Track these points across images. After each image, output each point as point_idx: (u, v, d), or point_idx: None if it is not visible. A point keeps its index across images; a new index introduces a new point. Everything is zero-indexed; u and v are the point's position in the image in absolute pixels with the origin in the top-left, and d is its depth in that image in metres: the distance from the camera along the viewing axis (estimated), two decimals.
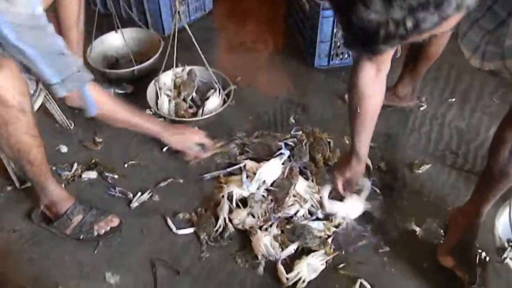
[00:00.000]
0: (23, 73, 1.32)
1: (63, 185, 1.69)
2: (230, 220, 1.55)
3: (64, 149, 1.84)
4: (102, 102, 1.42)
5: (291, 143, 1.82)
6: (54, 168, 1.75)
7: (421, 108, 2.02)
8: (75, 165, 1.77)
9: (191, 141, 1.68)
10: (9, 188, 1.70)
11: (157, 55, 2.10)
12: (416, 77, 1.88)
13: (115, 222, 1.56)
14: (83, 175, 1.74)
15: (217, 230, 1.54)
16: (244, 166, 1.71)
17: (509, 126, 1.22)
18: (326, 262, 1.44)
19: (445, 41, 1.69)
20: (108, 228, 1.55)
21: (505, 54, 0.98)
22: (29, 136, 1.32)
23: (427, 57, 1.76)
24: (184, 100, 1.98)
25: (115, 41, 2.27)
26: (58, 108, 1.87)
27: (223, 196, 1.60)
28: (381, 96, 1.38)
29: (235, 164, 1.75)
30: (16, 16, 1.10)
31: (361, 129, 1.39)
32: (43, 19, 1.17)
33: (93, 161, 1.79)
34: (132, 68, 2.08)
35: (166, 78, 2.02)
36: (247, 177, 1.65)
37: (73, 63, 1.29)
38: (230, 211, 1.58)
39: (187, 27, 1.87)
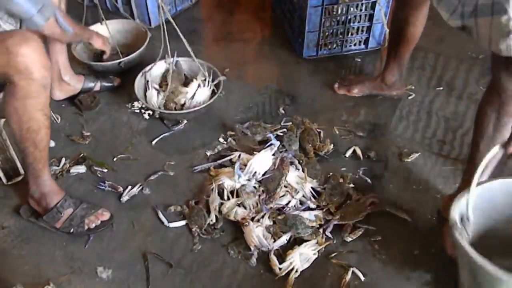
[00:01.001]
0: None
1: None
2: (220, 212, 1.55)
3: (51, 143, 1.81)
4: (68, 21, 1.51)
5: (280, 134, 1.82)
6: None
7: (410, 97, 2.03)
8: (63, 160, 1.75)
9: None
10: None
11: (143, 47, 2.07)
12: (401, 63, 1.89)
13: (106, 216, 1.55)
14: (72, 170, 1.72)
15: (208, 223, 1.53)
16: (239, 156, 1.70)
17: (489, 102, 1.25)
18: (318, 251, 1.45)
19: (423, 21, 1.72)
20: (99, 222, 1.53)
21: (478, 11, 1.03)
22: (42, 115, 1.35)
23: (407, 40, 1.78)
24: (173, 92, 1.95)
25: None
26: None
27: (212, 189, 1.60)
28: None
29: (226, 156, 1.74)
30: None
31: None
32: None
33: (82, 155, 1.77)
34: (118, 60, 2.04)
35: (154, 70, 2.00)
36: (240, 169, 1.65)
37: None
38: (221, 202, 1.57)
39: (171, 19, 1.84)
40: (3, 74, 1.24)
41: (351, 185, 1.64)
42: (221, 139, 1.84)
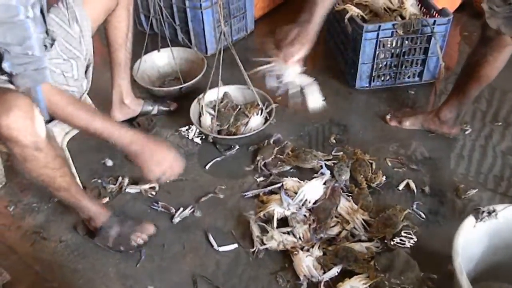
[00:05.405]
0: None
1: (107, 198, 1.74)
2: (263, 242, 1.54)
3: (109, 162, 1.90)
4: (56, 104, 1.30)
5: (330, 163, 1.81)
6: (99, 181, 1.81)
7: (466, 132, 1.98)
8: (120, 179, 1.81)
9: (161, 172, 1.44)
10: (55, 199, 1.75)
11: (202, 74, 2.15)
12: (464, 101, 1.84)
13: (150, 229, 1.59)
14: (127, 189, 1.78)
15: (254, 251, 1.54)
16: (282, 184, 1.71)
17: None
18: (369, 285, 1.41)
19: (502, 64, 1.65)
20: (145, 236, 1.57)
21: None
22: (49, 169, 1.33)
23: (479, 79, 1.71)
24: (226, 117, 2.00)
25: (157, 60, 2.34)
26: None
27: (253, 217, 1.61)
28: None
29: (277, 183, 1.75)
30: None
31: None
32: (18, 11, 1.10)
33: (137, 175, 1.83)
34: (179, 86, 2.14)
35: (209, 96, 2.06)
36: (288, 195, 1.65)
37: (32, 62, 1.19)
38: (264, 231, 1.57)
39: (231, 46, 1.91)
40: None
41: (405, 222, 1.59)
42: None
